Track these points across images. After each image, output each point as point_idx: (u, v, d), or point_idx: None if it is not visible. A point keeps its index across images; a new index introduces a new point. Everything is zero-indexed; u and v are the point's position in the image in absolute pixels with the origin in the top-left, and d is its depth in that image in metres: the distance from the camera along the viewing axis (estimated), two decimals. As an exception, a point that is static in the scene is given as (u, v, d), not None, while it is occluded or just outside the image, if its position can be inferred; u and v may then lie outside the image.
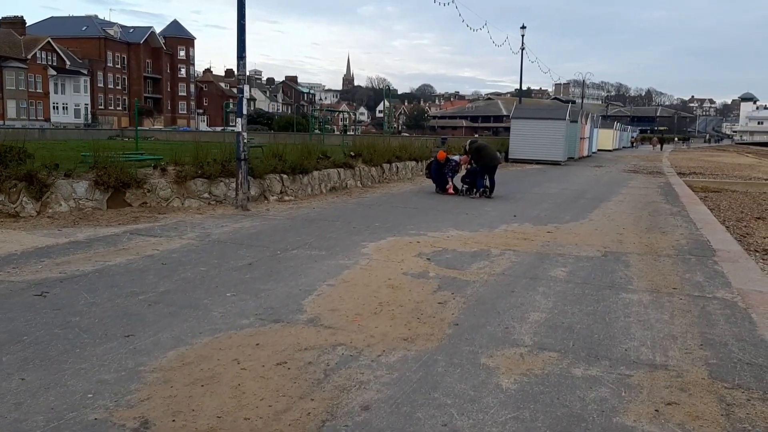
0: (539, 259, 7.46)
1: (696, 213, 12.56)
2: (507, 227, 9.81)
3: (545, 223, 10.45)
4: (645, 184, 19.67)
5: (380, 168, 16.16)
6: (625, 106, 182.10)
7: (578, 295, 5.82)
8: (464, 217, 10.74)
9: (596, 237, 9.20)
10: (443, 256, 7.39)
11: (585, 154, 37.90)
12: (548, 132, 28.78)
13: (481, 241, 8.42)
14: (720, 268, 7.25)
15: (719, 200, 17.94)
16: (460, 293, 5.73)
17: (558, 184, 18.61)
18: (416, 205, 12.22)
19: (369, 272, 6.42)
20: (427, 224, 9.72)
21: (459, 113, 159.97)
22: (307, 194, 12.52)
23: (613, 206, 13.28)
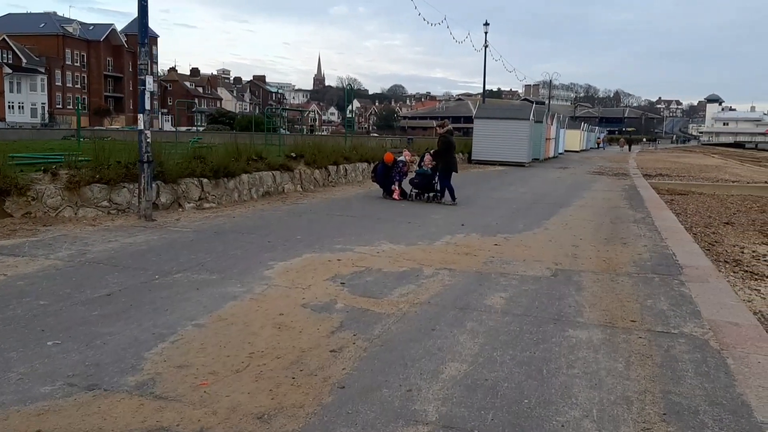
0: (477, 280, 6.27)
1: (661, 220, 11.54)
2: (450, 239, 8.61)
3: (495, 233, 9.30)
4: (609, 187, 18.72)
5: (325, 171, 14.86)
6: (593, 108, 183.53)
7: (514, 334, 4.62)
8: (405, 226, 9.52)
9: (549, 250, 8.05)
10: (363, 278, 6.14)
11: (551, 155, 37.11)
12: (512, 132, 27.79)
13: (415, 258, 7.20)
14: (687, 290, 6.14)
15: (686, 204, 17.07)
16: (365, 334, 4.49)
17: (518, 187, 17.54)
18: (355, 212, 10.96)
19: (259, 305, 5.14)
20: (359, 236, 8.48)
21: (429, 114, 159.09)
22: (233, 201, 11.18)
23: (572, 212, 12.20)
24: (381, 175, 13.08)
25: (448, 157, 12.94)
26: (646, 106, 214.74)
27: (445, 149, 12.89)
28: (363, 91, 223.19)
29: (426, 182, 12.88)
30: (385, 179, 13.06)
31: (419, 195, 13.02)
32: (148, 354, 3.99)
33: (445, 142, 12.98)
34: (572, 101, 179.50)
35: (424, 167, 12.93)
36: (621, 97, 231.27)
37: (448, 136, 13.09)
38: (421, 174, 12.95)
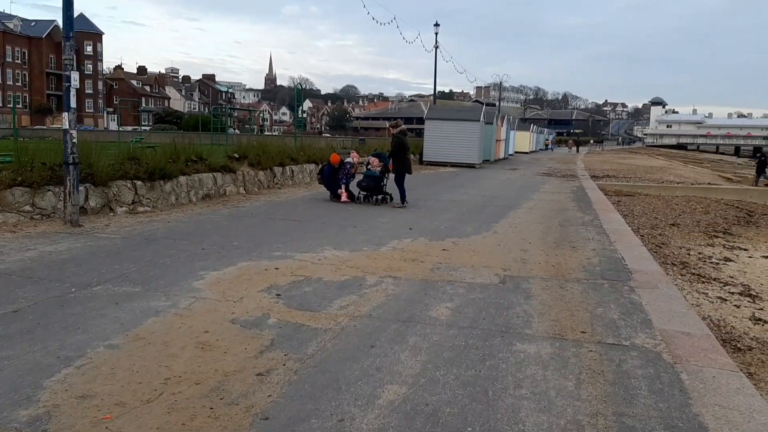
0: (423, 289, 5.95)
1: (609, 222, 11.49)
2: (397, 244, 8.29)
3: (444, 237, 9.02)
4: (558, 189, 18.78)
5: (270, 172, 14.36)
6: (542, 110, 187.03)
7: (459, 349, 4.31)
8: (351, 231, 9.15)
9: (497, 255, 7.81)
10: (301, 289, 5.74)
11: (501, 156, 37.34)
12: (463, 134, 27.75)
13: (359, 265, 6.84)
14: (637, 297, 5.96)
15: (633, 205, 17.25)
16: (298, 354, 4.11)
17: (468, 189, 17.39)
18: (300, 216, 10.53)
19: (183, 320, 4.69)
20: (301, 242, 8.06)
21: (382, 114, 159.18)
22: (170, 204, 10.60)
23: (522, 215, 12.06)
24: (328, 177, 12.68)
25: (401, 159, 12.63)
26: (593, 108, 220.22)
27: (398, 150, 12.57)
28: (315, 91, 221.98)
29: (374, 184, 12.53)
30: (331, 181, 12.66)
31: (367, 197, 12.67)
32: (48, 382, 3.51)
33: (399, 142, 12.62)
34: (522, 103, 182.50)
35: (372, 169, 12.53)
36: (569, 100, 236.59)
37: (402, 137, 12.76)
38: (369, 176, 12.60)
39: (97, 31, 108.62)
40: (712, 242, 13.00)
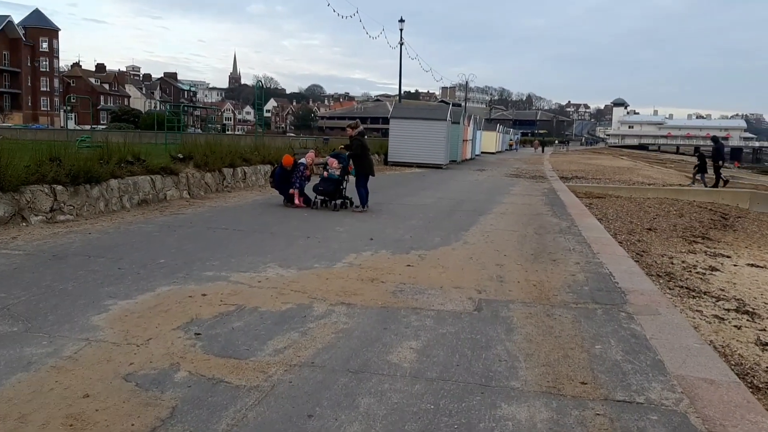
0: (382, 321, 4.85)
1: (588, 229, 10.58)
2: (355, 259, 7.18)
3: (408, 249, 7.94)
4: (529, 191, 17.90)
5: (219, 174, 13.09)
6: (507, 110, 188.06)
7: (427, 417, 3.23)
8: (302, 243, 8.00)
9: (470, 271, 6.77)
10: (229, 324, 4.59)
11: (468, 156, 36.54)
12: (429, 133, 26.78)
13: (307, 288, 5.71)
14: (639, 327, 4.96)
15: (605, 208, 16.48)
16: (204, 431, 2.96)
17: (435, 191, 16.38)
18: (246, 224, 9.32)
19: (60, 378, 3.50)
20: (242, 258, 6.89)
21: (348, 114, 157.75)
22: (98, 212, 9.29)
23: (494, 221, 11.06)
24: (280, 179, 11.49)
25: (364, 160, 11.73)
26: (556, 109, 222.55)
27: (361, 152, 11.64)
28: (280, 90, 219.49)
29: (333, 188, 11.36)
30: (284, 185, 11.48)
31: (325, 203, 11.52)
32: None
33: (360, 144, 11.70)
34: (487, 104, 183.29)
35: (330, 171, 11.42)
36: (533, 100, 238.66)
37: (363, 138, 11.85)
38: (327, 179, 11.42)
39: (53, 27, 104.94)
40: (693, 248, 12.25)
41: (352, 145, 11.69)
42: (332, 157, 11.67)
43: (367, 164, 11.73)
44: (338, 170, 11.38)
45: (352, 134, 11.79)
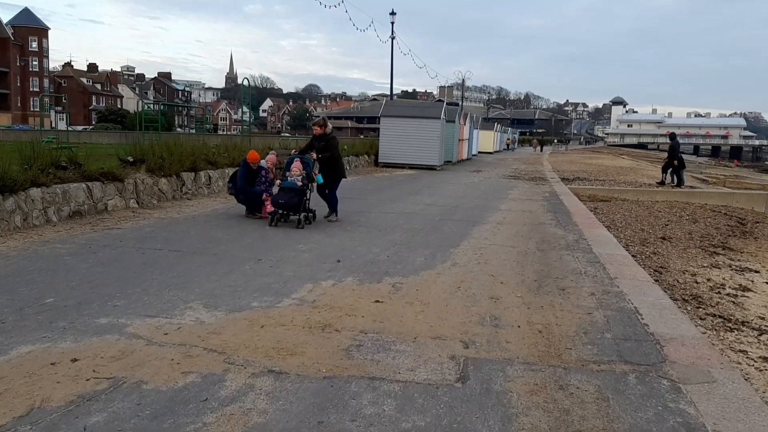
0: (319, 409, 3.30)
1: (599, 243, 9.04)
2: (310, 292, 5.62)
3: (382, 275, 6.39)
4: (528, 195, 16.34)
5: (177, 179, 11.49)
6: (505, 109, 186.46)
7: None
8: (249, 269, 6.43)
9: (456, 309, 5.22)
10: (87, 418, 3.03)
11: (464, 157, 34.98)
12: (422, 132, 25.20)
13: (228, 345, 4.15)
14: (693, 411, 3.42)
15: (612, 213, 14.95)
16: None
17: (425, 196, 14.81)
18: (188, 243, 7.72)
19: None
20: (159, 293, 5.33)
21: (344, 113, 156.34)
22: (13, 227, 7.70)
23: (489, 233, 9.51)
24: (241, 184, 9.83)
25: (339, 163, 10.30)
26: (554, 108, 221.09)
27: (336, 155, 10.21)
28: (277, 90, 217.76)
29: (295, 200, 9.22)
30: (245, 191, 9.83)
31: (284, 217, 9.42)
32: None
33: (336, 145, 10.19)
34: (485, 103, 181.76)
35: (292, 178, 9.41)
36: (531, 100, 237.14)
37: (335, 138, 10.29)
38: (287, 188, 9.27)
39: (42, 26, 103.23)
40: (715, 261, 10.74)
41: (330, 145, 9.96)
42: (296, 161, 9.59)
43: (341, 167, 10.28)
44: (301, 177, 9.38)
45: (323, 132, 10.02)
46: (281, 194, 9.30)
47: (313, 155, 9.69)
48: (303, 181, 9.36)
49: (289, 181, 9.39)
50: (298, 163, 9.50)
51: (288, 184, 9.35)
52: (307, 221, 9.46)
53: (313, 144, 10.02)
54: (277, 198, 9.29)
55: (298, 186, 9.29)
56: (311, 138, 10.29)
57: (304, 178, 9.41)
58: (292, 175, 9.42)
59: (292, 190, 9.26)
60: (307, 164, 9.53)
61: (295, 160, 9.55)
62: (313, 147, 9.93)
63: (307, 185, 9.43)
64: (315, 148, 9.87)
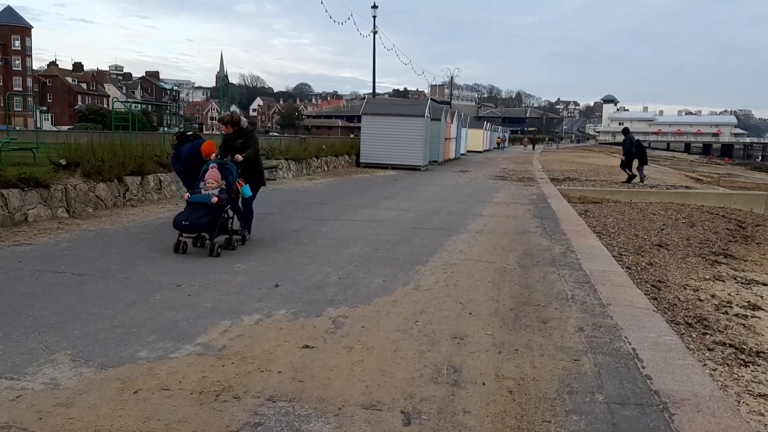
0: None
1: (589, 256, 7.90)
2: (224, 333, 4.44)
3: (325, 304, 5.22)
4: (514, 198, 15.20)
5: (119, 184, 10.24)
6: (497, 108, 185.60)
7: None
8: (159, 299, 5.24)
9: (405, 358, 4.05)
10: None
11: (452, 156, 33.84)
12: (405, 131, 24.03)
13: (71, 427, 2.96)
14: None
15: (604, 216, 13.85)
16: None
17: (403, 200, 13.64)
18: (101, 263, 6.48)
19: None
20: (25, 337, 4.15)
21: (335, 112, 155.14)
22: None
23: (464, 244, 8.36)
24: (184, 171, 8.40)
25: (258, 167, 8.21)
26: (546, 106, 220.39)
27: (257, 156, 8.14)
28: (267, 89, 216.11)
29: (210, 218, 6.97)
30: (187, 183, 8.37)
31: (198, 242, 7.23)
32: None
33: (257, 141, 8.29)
34: (476, 101, 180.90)
35: (206, 190, 7.23)
36: (523, 98, 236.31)
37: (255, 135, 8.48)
38: (198, 203, 7.08)
39: (25, 25, 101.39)
40: (718, 272, 9.67)
41: (249, 142, 7.83)
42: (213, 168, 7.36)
43: (262, 171, 8.43)
44: (218, 190, 7.23)
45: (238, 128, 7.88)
46: (187, 212, 7.03)
47: (238, 158, 7.53)
48: (221, 195, 7.16)
49: (202, 195, 7.15)
50: (214, 171, 7.29)
51: (198, 199, 7.09)
52: (230, 246, 7.29)
53: (228, 144, 7.86)
54: (180, 218, 6.95)
55: (212, 202, 7.05)
56: (223, 139, 8.16)
57: (223, 191, 7.24)
58: (206, 187, 7.23)
59: (202, 207, 7.02)
60: (230, 172, 7.40)
61: (211, 168, 7.32)
62: (231, 148, 7.76)
63: (226, 200, 7.23)
64: (233, 149, 7.72)
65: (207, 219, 6.95)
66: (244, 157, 7.57)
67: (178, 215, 7.10)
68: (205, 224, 6.95)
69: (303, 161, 19.27)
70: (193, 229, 6.97)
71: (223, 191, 7.23)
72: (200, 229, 6.98)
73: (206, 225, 6.96)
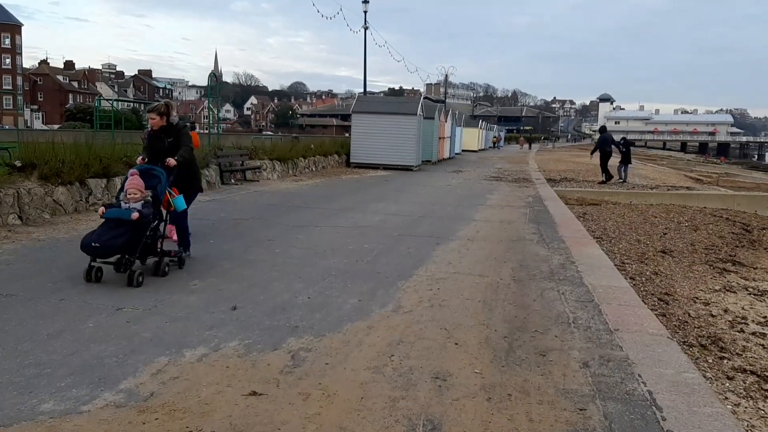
0: None
1: (591, 269, 7.15)
2: (154, 375, 3.68)
3: (285, 334, 4.47)
4: (509, 200, 14.46)
5: (82, 187, 9.43)
6: (492, 106, 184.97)
7: None
8: (89, 326, 4.48)
9: (372, 410, 3.30)
10: None
11: (446, 156, 33.10)
12: (397, 130, 23.27)
13: None
14: None
15: (603, 219, 13.16)
16: None
17: (391, 203, 12.87)
18: (39, 281, 5.62)
19: None
20: None
21: (329, 111, 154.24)
22: None
23: (454, 256, 7.60)
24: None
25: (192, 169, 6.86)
26: (542, 105, 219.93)
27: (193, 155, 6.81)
28: (262, 87, 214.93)
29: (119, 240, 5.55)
30: None
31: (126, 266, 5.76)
32: None
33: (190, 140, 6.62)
34: (472, 100, 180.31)
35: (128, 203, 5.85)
36: (518, 97, 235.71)
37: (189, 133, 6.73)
38: (112, 221, 5.67)
39: (15, 23, 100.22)
40: (728, 282, 9.00)
41: (181, 142, 6.37)
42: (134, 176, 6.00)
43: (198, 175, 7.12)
44: (141, 203, 5.85)
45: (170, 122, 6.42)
46: (99, 231, 5.60)
47: (170, 162, 6.16)
48: (144, 210, 5.77)
49: (119, 210, 5.75)
50: (135, 179, 5.93)
51: (115, 214, 5.66)
52: (160, 272, 5.89)
53: (155, 145, 6.41)
54: (90, 238, 5.52)
55: (131, 219, 5.60)
56: (148, 136, 6.61)
57: (148, 204, 5.88)
58: (129, 199, 5.85)
59: (119, 224, 5.58)
60: (158, 180, 6.07)
61: (132, 175, 5.97)
62: (159, 149, 6.35)
63: (150, 215, 5.84)
64: (161, 150, 6.31)
65: (124, 239, 5.52)
66: (177, 160, 6.19)
67: (87, 235, 5.66)
68: (121, 245, 5.53)
69: (289, 161, 18.49)
70: (106, 252, 5.50)
71: (148, 204, 5.87)
72: (114, 251, 5.55)
73: (122, 246, 5.55)
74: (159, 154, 6.28)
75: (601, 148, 22.08)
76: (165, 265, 6.00)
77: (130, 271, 5.59)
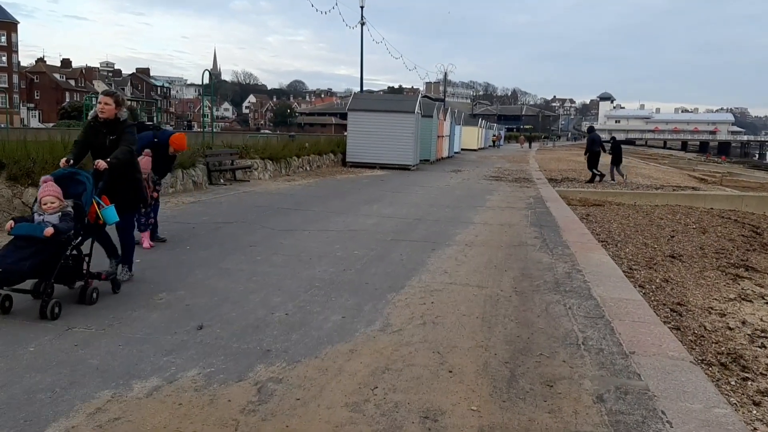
0: None
1: (599, 278, 6.57)
2: (91, 416, 3.10)
3: (255, 360, 3.90)
4: (510, 201, 13.88)
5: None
6: (492, 105, 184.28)
7: None
8: (31, 350, 3.91)
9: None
10: None
11: (445, 155, 32.51)
12: (394, 128, 22.69)
13: None
14: None
15: (608, 221, 12.60)
16: None
17: (385, 205, 12.29)
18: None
19: None
20: None
21: (328, 110, 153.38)
22: None
23: (450, 263, 7.02)
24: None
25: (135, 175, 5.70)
26: (542, 104, 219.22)
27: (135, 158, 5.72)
28: (261, 86, 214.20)
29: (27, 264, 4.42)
30: None
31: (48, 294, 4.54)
32: None
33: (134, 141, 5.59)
34: (472, 99, 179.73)
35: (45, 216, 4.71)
36: (518, 96, 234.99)
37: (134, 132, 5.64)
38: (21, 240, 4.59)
39: (11, 20, 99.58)
40: (742, 289, 8.46)
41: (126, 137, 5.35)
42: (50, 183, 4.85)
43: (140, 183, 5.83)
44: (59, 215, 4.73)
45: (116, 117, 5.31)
46: (3, 253, 4.50)
47: (99, 165, 5.02)
48: (61, 225, 4.67)
49: (32, 225, 4.68)
50: (50, 186, 4.81)
51: (24, 231, 4.62)
52: (86, 300, 4.86)
53: (92, 141, 5.37)
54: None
55: (45, 236, 4.51)
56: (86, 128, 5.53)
57: (67, 217, 4.76)
58: (42, 211, 4.76)
59: (30, 242, 4.54)
60: (83, 186, 4.98)
61: (46, 183, 4.84)
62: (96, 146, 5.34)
63: (70, 230, 4.73)
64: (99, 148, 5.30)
65: (34, 261, 4.45)
66: (110, 163, 5.04)
67: None
68: (29, 269, 4.42)
69: (282, 160, 17.89)
70: (9, 279, 4.36)
71: (68, 216, 4.75)
72: (20, 276, 4.40)
73: (30, 270, 4.44)
74: (94, 152, 5.31)
75: (590, 148, 21.74)
76: (93, 290, 4.93)
77: (43, 301, 4.47)
